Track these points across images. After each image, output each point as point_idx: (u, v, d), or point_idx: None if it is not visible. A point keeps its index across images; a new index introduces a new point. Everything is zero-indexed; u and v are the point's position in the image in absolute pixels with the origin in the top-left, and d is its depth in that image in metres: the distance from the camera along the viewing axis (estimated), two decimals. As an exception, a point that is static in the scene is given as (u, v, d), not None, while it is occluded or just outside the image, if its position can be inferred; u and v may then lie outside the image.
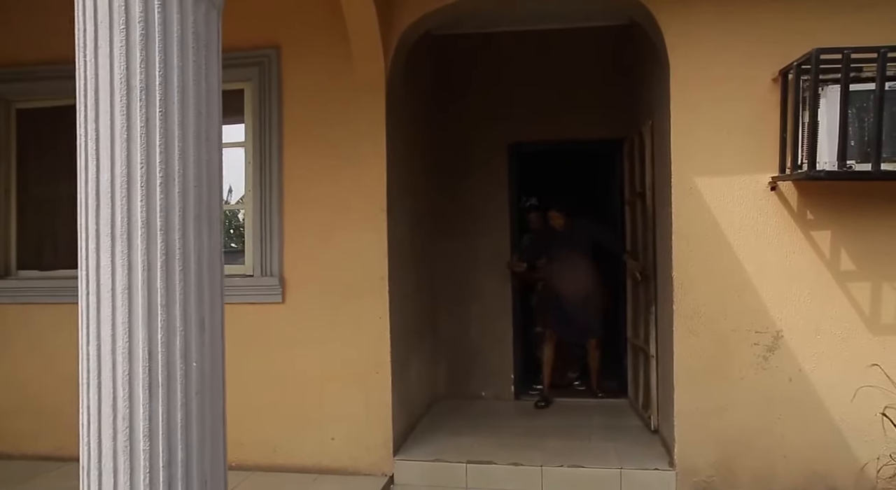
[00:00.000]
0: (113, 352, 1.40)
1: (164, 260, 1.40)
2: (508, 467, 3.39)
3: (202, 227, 1.48)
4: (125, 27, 1.40)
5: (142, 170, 1.39)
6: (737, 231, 3.16)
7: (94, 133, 1.41)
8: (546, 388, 4.67)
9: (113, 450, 1.39)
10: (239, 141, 3.69)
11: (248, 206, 3.68)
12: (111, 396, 1.40)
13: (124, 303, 1.39)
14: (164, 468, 1.40)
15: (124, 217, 1.39)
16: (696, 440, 3.19)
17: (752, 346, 3.14)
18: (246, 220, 3.73)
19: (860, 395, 3.00)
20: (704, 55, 3.20)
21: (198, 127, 1.47)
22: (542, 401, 4.60)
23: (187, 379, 1.43)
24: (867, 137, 2.70)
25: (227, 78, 1.70)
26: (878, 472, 2.96)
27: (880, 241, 3.06)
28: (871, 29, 2.96)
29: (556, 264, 4.64)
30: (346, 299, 3.51)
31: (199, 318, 1.46)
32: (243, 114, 3.68)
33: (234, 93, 3.62)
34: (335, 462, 3.50)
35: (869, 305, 3.06)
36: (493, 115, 4.88)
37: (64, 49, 3.81)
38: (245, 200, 3.75)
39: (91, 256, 1.41)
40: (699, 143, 3.21)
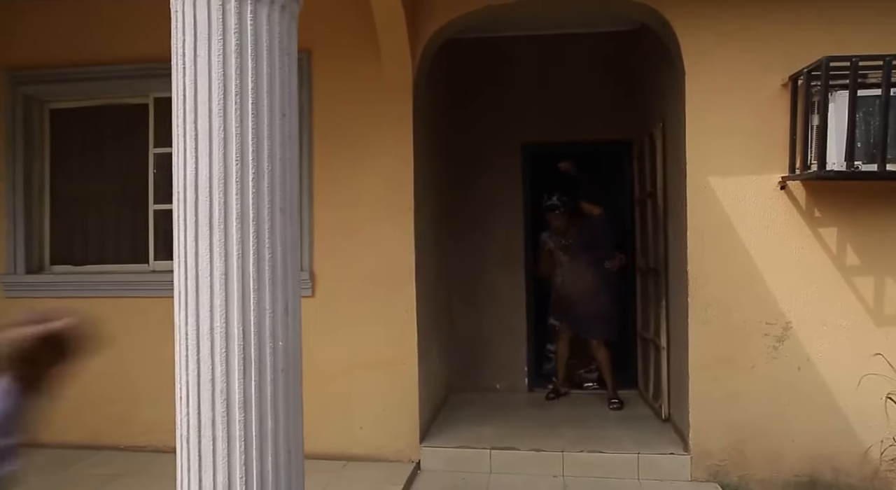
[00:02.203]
0: (211, 332, 1.53)
1: (255, 248, 1.55)
2: (530, 453, 3.55)
3: (286, 218, 1.62)
4: (222, 37, 1.54)
5: (237, 166, 1.53)
6: (748, 228, 3.33)
7: (192, 132, 1.55)
8: (560, 381, 4.76)
9: (212, 421, 1.53)
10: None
11: (278, 203, 3.83)
12: (210, 372, 1.54)
13: (221, 287, 1.53)
14: (257, 437, 1.54)
15: (221, 209, 1.53)
16: (710, 426, 3.36)
17: (762, 336, 3.31)
18: (275, 216, 3.88)
19: (864, 382, 3.18)
20: (718, 62, 3.37)
21: (282, 128, 1.62)
22: (553, 392, 4.70)
23: (275, 357, 1.57)
24: (873, 140, 2.88)
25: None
26: (882, 454, 3.14)
27: (883, 237, 3.24)
28: (872, 39, 3.12)
29: (574, 259, 4.65)
30: (374, 293, 3.66)
31: (284, 302, 1.61)
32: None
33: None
34: (363, 449, 3.64)
35: (873, 298, 3.25)
36: (505, 116, 5.04)
37: (95, 51, 3.98)
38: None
39: (189, 245, 1.55)
40: (712, 145, 3.38)
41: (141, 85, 4.00)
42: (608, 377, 4.53)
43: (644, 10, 3.51)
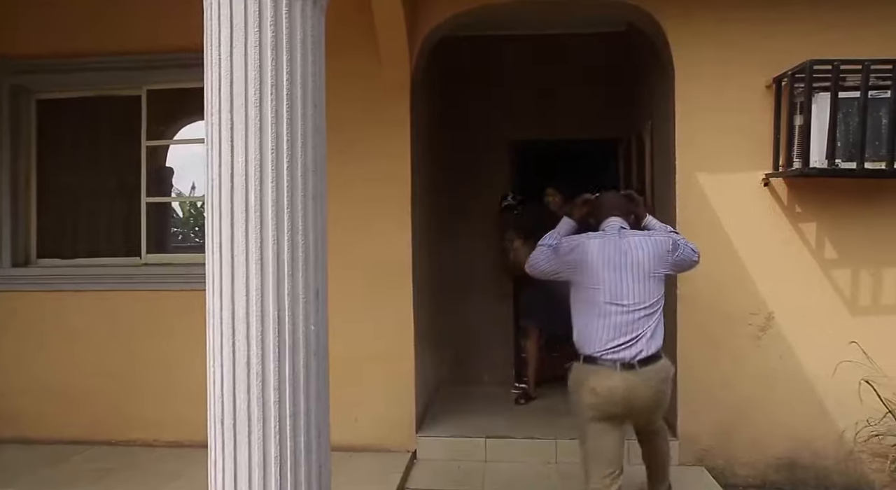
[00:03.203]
0: (247, 316, 1.58)
1: (289, 235, 1.60)
2: (525, 441, 3.65)
3: (317, 206, 1.67)
4: (258, 30, 1.58)
5: (272, 155, 1.58)
6: (734, 222, 3.49)
7: (228, 122, 1.59)
8: (532, 384, 4.52)
9: (247, 402, 1.58)
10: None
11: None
12: (245, 356, 1.58)
13: (257, 273, 1.57)
14: (291, 417, 1.59)
15: (257, 197, 1.57)
16: (697, 412, 3.50)
17: (747, 326, 3.47)
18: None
19: (840, 369, 3.35)
20: (706, 63, 3.51)
21: (314, 118, 1.67)
22: (523, 397, 4.47)
23: (307, 340, 1.62)
24: (852, 139, 3.06)
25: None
26: (856, 435, 3.33)
27: (859, 232, 3.43)
28: (852, 43, 3.30)
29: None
30: (372, 287, 3.70)
31: (316, 287, 1.66)
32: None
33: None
34: (361, 440, 3.68)
35: (849, 289, 3.43)
36: (496, 114, 5.13)
37: (86, 41, 3.93)
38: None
39: (225, 232, 1.58)
40: (701, 143, 3.52)
41: (133, 76, 3.97)
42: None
43: (635, 11, 3.63)
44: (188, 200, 4.77)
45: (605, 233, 2.62)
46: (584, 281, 2.51)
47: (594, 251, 2.52)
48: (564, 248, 2.59)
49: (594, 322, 2.46)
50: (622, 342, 2.43)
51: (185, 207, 10.90)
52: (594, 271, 2.49)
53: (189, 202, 10.31)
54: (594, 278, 2.49)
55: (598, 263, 2.49)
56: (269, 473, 1.57)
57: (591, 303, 2.49)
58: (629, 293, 2.46)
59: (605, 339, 2.44)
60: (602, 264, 2.49)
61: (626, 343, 2.43)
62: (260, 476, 1.57)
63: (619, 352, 2.42)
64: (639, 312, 2.46)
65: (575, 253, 2.54)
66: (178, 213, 11.70)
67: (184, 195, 4.67)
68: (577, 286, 2.56)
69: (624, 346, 2.42)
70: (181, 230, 11.54)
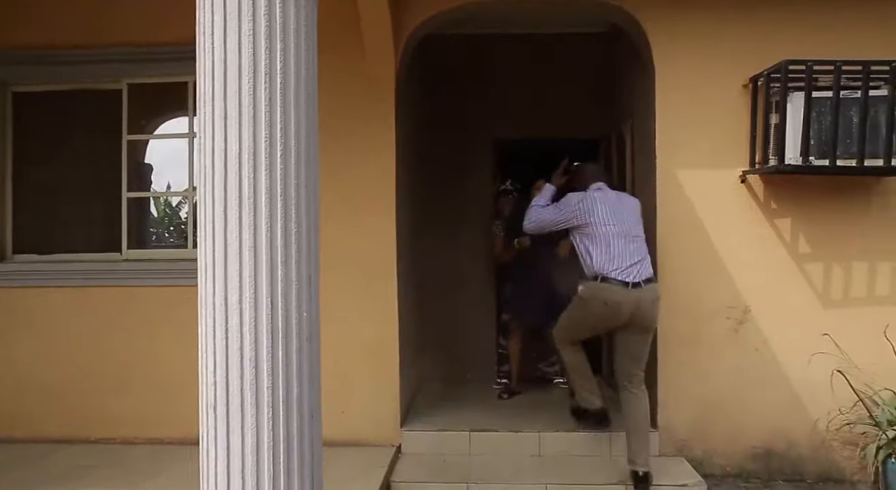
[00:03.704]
0: (240, 302, 1.58)
1: (282, 222, 1.61)
2: (509, 434, 3.69)
3: (310, 194, 1.69)
4: (252, 19, 1.59)
5: (266, 144, 1.59)
6: (712, 218, 3.58)
7: (222, 111, 1.59)
8: (514, 380, 4.57)
9: (240, 388, 1.59)
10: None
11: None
12: (238, 341, 1.59)
13: (251, 259, 1.58)
14: (284, 403, 1.60)
15: (251, 185, 1.58)
16: (677, 404, 3.58)
17: (724, 320, 3.56)
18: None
19: (814, 360, 3.46)
20: (686, 63, 3.60)
21: (307, 108, 1.69)
22: (505, 392, 4.51)
23: (300, 326, 1.64)
24: (825, 137, 3.16)
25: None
26: (828, 425, 3.43)
27: (831, 227, 3.54)
28: (827, 44, 3.41)
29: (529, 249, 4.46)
30: (357, 281, 3.71)
31: (308, 274, 1.67)
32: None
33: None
34: (345, 435, 3.68)
35: (821, 283, 3.54)
36: (479, 111, 5.17)
37: (65, 33, 3.88)
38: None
39: (218, 219, 1.59)
40: (680, 141, 3.60)
41: (114, 70, 3.93)
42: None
43: (618, 12, 3.71)
44: (169, 196, 4.70)
45: (598, 188, 3.37)
46: (595, 222, 3.23)
47: (599, 199, 3.29)
48: (571, 201, 3.31)
49: (607, 251, 3.18)
50: (628, 265, 3.16)
51: (161, 207, 10.76)
52: (603, 214, 3.23)
53: (164, 202, 10.17)
54: (605, 218, 3.22)
55: (604, 208, 3.25)
56: (262, 459, 1.58)
57: (602, 237, 3.20)
58: (630, 229, 3.24)
59: (616, 263, 3.17)
60: (608, 208, 3.25)
61: (630, 266, 3.16)
62: (253, 462, 1.58)
63: (628, 273, 3.15)
64: (637, 242, 3.24)
65: (584, 203, 3.27)
66: (153, 213, 11.49)
67: (162, 191, 4.60)
68: (585, 228, 3.26)
69: (630, 269, 3.16)
70: (156, 230, 11.35)
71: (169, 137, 4.34)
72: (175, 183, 4.40)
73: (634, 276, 3.14)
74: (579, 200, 3.28)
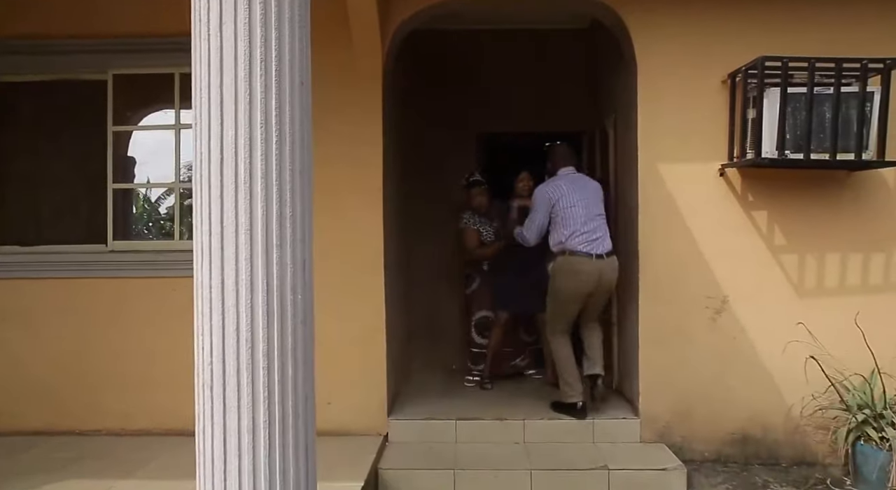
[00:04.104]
0: (237, 284, 1.62)
1: (278, 207, 1.65)
2: (494, 422, 3.76)
3: (304, 179, 1.73)
4: (248, 7, 1.62)
5: (262, 129, 1.63)
6: (692, 210, 3.67)
7: (218, 98, 1.62)
8: (487, 372, 4.55)
9: (236, 368, 1.62)
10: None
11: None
12: (235, 323, 1.62)
13: (247, 242, 1.62)
14: (279, 383, 1.65)
15: (247, 169, 1.62)
16: (658, 392, 3.68)
17: (703, 309, 3.66)
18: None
19: (788, 348, 3.57)
20: (667, 59, 3.69)
21: (301, 95, 1.72)
22: (488, 382, 4.51)
23: (295, 308, 1.68)
24: (800, 132, 3.27)
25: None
26: (802, 410, 3.56)
27: (805, 219, 3.66)
28: (804, 41, 3.51)
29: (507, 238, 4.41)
30: (344, 271, 3.74)
31: (302, 258, 1.71)
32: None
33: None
34: (331, 424, 3.69)
35: (796, 273, 3.66)
36: (464, 106, 5.24)
37: (48, 23, 3.84)
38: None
39: (215, 203, 1.62)
40: (661, 135, 3.69)
41: (99, 60, 3.91)
42: (549, 355, 4.34)
43: (600, 8, 3.78)
44: (155, 187, 4.68)
45: (566, 174, 3.85)
46: (563, 205, 3.70)
47: (565, 185, 3.77)
48: (543, 199, 3.76)
49: (573, 229, 3.66)
50: (592, 239, 3.66)
51: (139, 203, 10.65)
52: (570, 196, 3.72)
53: (143, 197, 10.05)
54: (571, 200, 3.71)
55: (570, 191, 3.74)
56: (258, 437, 1.62)
57: (570, 217, 3.68)
58: (592, 209, 3.72)
59: (582, 239, 3.65)
60: (573, 191, 3.74)
61: (594, 240, 3.66)
62: (249, 441, 1.62)
63: (592, 247, 3.64)
64: (598, 220, 3.73)
65: (552, 193, 3.74)
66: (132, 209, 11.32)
67: (148, 183, 4.57)
68: (558, 210, 3.71)
69: (594, 243, 3.66)
70: (135, 227, 11.20)
71: (155, 129, 4.32)
72: (160, 176, 4.37)
73: (597, 249, 3.65)
74: (548, 194, 3.76)
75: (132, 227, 4.62)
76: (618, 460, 3.40)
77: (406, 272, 4.82)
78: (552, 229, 3.77)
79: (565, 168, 3.90)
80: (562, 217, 3.71)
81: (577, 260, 3.64)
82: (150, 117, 4.43)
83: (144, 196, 10.84)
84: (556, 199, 3.72)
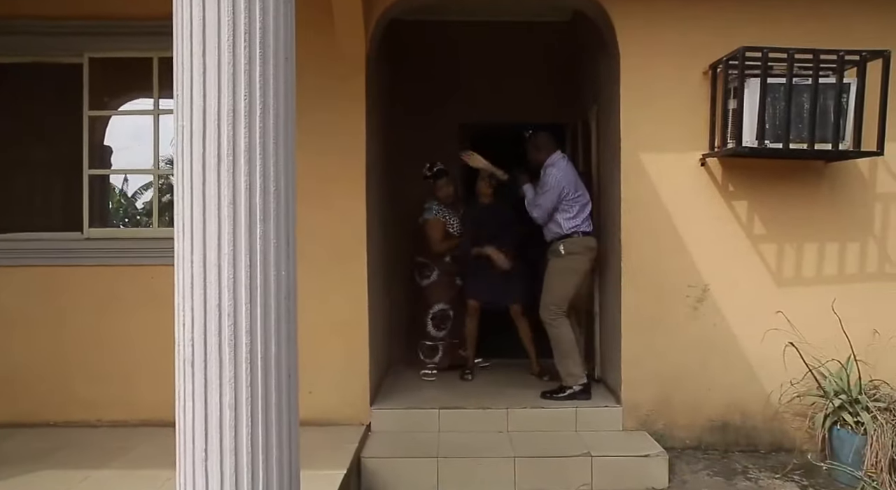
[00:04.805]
0: (219, 259, 1.59)
1: (262, 180, 1.62)
2: (477, 411, 3.75)
3: (288, 153, 1.70)
4: (231, -24, 1.59)
5: (245, 102, 1.60)
6: (673, 200, 3.71)
7: (200, 67, 1.59)
8: (472, 360, 4.53)
9: (218, 345, 1.59)
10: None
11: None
12: (217, 298, 1.59)
13: (230, 215, 1.59)
14: (262, 359, 1.62)
15: (230, 142, 1.59)
16: (640, 380, 3.71)
17: (685, 298, 3.70)
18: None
19: (767, 336, 3.62)
20: (650, 50, 3.72)
21: (286, 69, 1.70)
22: (469, 372, 4.47)
23: (279, 284, 1.65)
24: (779, 122, 3.32)
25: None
26: (780, 397, 3.61)
27: (784, 209, 3.72)
28: (784, 32, 3.57)
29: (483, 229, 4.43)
30: (327, 258, 3.71)
31: (286, 233, 1.69)
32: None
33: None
34: (313, 413, 3.65)
35: (775, 263, 3.72)
36: (446, 97, 5.22)
37: (22, 3, 3.74)
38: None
39: (196, 175, 1.59)
40: (643, 125, 3.72)
41: (74, 43, 3.82)
42: (531, 346, 4.46)
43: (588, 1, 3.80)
44: (132, 173, 4.59)
45: (564, 158, 4.03)
46: (574, 193, 3.92)
47: (572, 174, 3.97)
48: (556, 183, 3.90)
49: (580, 212, 3.92)
50: (589, 219, 3.98)
51: (115, 198, 10.47)
52: (577, 184, 3.96)
53: (119, 192, 9.88)
54: (578, 188, 3.95)
55: (577, 179, 3.98)
56: (240, 414, 1.59)
57: (577, 202, 3.92)
58: (585, 191, 4.00)
59: (583, 218, 3.94)
60: (572, 176, 3.96)
61: (589, 219, 3.98)
62: (231, 417, 1.59)
63: (591, 226, 3.99)
64: (585, 200, 4.00)
65: (568, 184, 3.91)
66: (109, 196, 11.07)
67: (124, 169, 4.46)
68: (569, 197, 3.91)
69: (590, 222, 3.98)
70: (113, 218, 10.98)
71: (132, 114, 4.24)
72: (138, 164, 4.29)
73: (592, 228, 4.00)
74: (562, 183, 3.90)
75: (109, 214, 4.52)
76: (600, 447, 3.41)
77: (389, 262, 4.79)
78: (558, 215, 3.91)
79: (556, 153, 4.02)
80: (572, 204, 3.91)
81: (588, 239, 3.95)
82: (130, 105, 4.35)
83: (121, 191, 10.63)
84: (568, 190, 3.89)
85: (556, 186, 3.88)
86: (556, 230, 3.94)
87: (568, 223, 3.91)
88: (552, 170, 3.94)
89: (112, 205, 11.48)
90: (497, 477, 3.28)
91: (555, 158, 3.97)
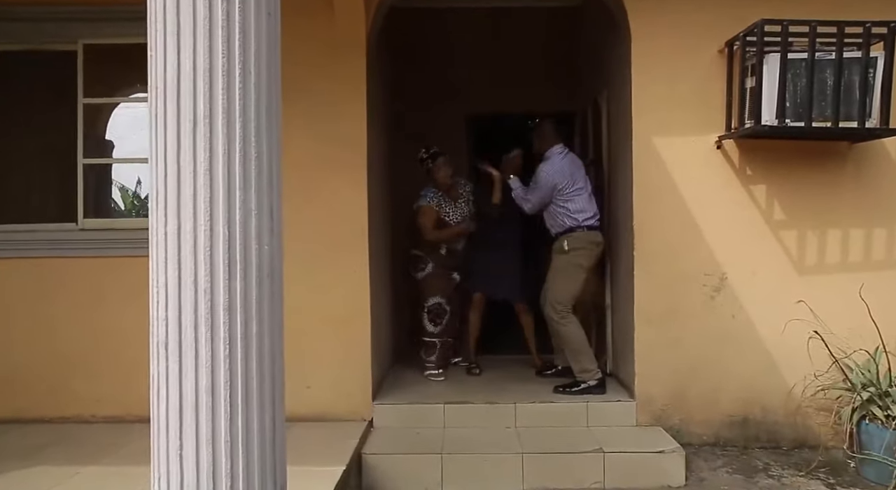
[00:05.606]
0: (194, 230, 1.46)
1: (241, 146, 1.49)
2: (484, 406, 3.60)
3: (271, 118, 1.57)
4: (207, -77, 1.46)
5: (223, 60, 1.47)
6: (688, 185, 3.54)
7: (174, 22, 1.47)
8: (473, 353, 4.41)
9: (194, 324, 1.46)
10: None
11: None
12: (192, 274, 1.46)
13: (206, 183, 1.46)
14: (242, 339, 1.49)
15: (206, 104, 1.46)
16: (653, 373, 3.54)
17: (701, 286, 3.53)
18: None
19: (789, 327, 3.44)
20: (663, 30, 3.55)
21: (269, 26, 1.57)
22: (476, 367, 4.35)
23: (260, 260, 1.52)
24: (800, 99, 3.14)
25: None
26: (803, 391, 3.42)
27: (805, 193, 3.54)
28: (802, 7, 3.38)
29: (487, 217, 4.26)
30: (328, 251, 3.58)
31: (269, 204, 1.56)
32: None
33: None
34: (313, 409, 3.54)
35: (796, 250, 3.54)
36: (452, 86, 5.09)
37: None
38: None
39: (171, 140, 1.47)
40: (656, 108, 3.56)
41: (68, 30, 3.72)
42: (533, 343, 4.38)
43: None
44: (126, 162, 4.50)
45: (561, 152, 3.89)
46: (573, 189, 3.81)
47: (569, 169, 3.84)
48: (548, 180, 3.80)
49: (584, 206, 3.83)
50: (596, 216, 3.88)
51: (128, 200, 10.41)
52: (577, 180, 3.84)
53: (132, 194, 9.83)
54: (578, 183, 3.84)
55: (575, 175, 3.85)
56: (217, 399, 1.46)
57: (580, 196, 3.82)
58: (588, 184, 3.91)
59: (589, 213, 3.83)
60: (577, 173, 3.87)
61: (595, 216, 3.88)
62: (208, 402, 1.46)
63: (597, 220, 3.88)
64: (589, 193, 3.90)
65: (562, 180, 3.79)
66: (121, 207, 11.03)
67: (119, 158, 4.35)
68: (567, 191, 3.81)
69: (596, 216, 3.88)
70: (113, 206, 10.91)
71: (127, 101, 4.15)
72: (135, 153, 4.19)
73: (599, 222, 3.89)
74: (554, 180, 3.79)
75: (107, 203, 4.43)
76: (613, 444, 3.25)
77: (389, 256, 4.65)
78: (559, 209, 3.82)
79: (557, 145, 3.90)
80: (572, 199, 3.81)
81: (593, 234, 3.84)
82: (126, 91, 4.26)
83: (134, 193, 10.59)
84: (563, 185, 3.79)
85: (547, 183, 3.79)
86: (560, 224, 3.84)
87: (570, 217, 3.80)
88: (544, 165, 3.87)
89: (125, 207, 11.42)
90: (504, 474, 3.12)
91: (552, 152, 3.88)
